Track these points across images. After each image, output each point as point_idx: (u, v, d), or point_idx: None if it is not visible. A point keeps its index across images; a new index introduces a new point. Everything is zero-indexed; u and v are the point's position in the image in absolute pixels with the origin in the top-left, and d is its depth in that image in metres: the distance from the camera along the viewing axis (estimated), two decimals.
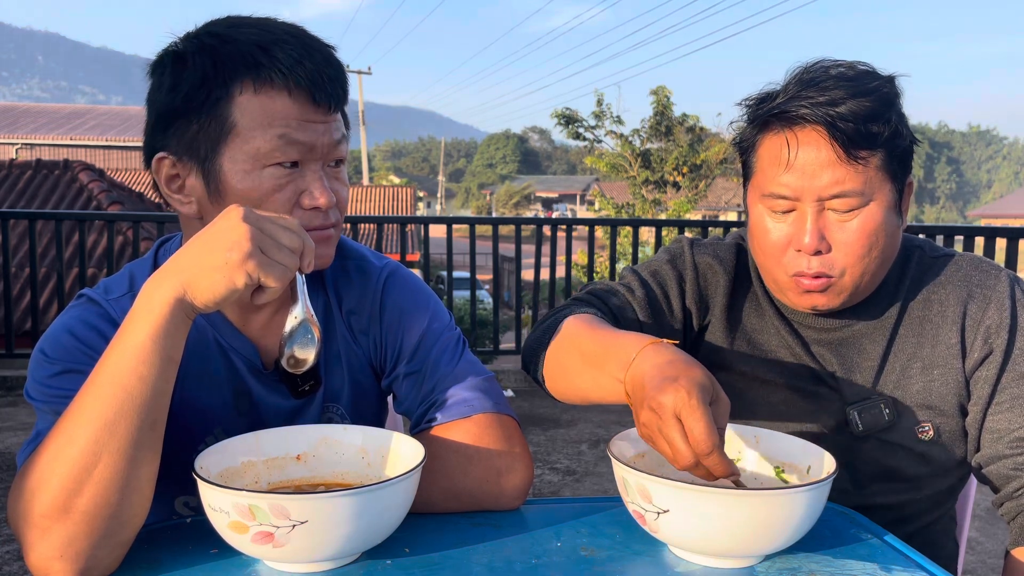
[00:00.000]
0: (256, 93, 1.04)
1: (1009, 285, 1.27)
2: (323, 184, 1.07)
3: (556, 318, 1.28)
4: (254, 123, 1.03)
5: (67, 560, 0.90)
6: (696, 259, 1.38)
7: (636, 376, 0.98)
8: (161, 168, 1.09)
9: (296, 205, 1.07)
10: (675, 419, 0.90)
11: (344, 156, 1.12)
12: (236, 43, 1.05)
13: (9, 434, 4.52)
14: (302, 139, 1.05)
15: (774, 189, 1.21)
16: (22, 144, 26.25)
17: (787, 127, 1.19)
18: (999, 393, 1.24)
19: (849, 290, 1.23)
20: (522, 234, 5.87)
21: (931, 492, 1.32)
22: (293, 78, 1.03)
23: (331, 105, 1.07)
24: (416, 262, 12.01)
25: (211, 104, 1.04)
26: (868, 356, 1.30)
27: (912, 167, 1.24)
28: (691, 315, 1.36)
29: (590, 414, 5.04)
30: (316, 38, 1.09)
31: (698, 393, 0.90)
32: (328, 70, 1.06)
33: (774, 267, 1.25)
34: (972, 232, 5.32)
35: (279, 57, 1.04)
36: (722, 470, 0.91)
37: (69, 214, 5.77)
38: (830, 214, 1.19)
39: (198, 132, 1.05)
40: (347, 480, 1.05)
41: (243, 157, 1.04)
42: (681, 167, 14.84)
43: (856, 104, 1.15)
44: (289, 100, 1.04)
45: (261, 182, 1.05)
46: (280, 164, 1.05)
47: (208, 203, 1.08)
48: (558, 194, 69.45)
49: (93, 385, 0.91)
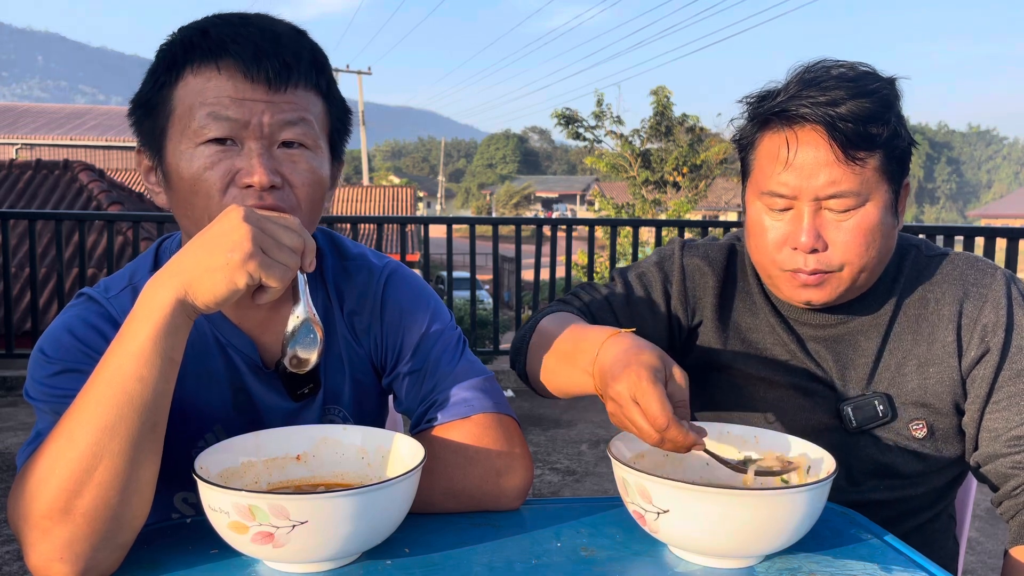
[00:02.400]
0: (194, 75, 1.03)
1: (1005, 284, 1.27)
2: (260, 162, 1.02)
3: (536, 319, 1.34)
4: (189, 104, 1.03)
5: (67, 561, 0.90)
6: (685, 261, 1.39)
7: (600, 369, 1.05)
8: (141, 161, 1.12)
9: (231, 183, 1.03)
10: (632, 402, 0.96)
11: (301, 139, 1.05)
12: (186, 31, 1.06)
13: (9, 434, 4.52)
14: (232, 115, 1.02)
15: (772, 187, 1.22)
16: (22, 144, 26.26)
17: (787, 126, 1.20)
18: (996, 392, 1.25)
19: (846, 285, 1.24)
20: (522, 234, 5.86)
21: (927, 489, 1.33)
22: (223, 55, 1.02)
23: (270, 82, 1.02)
24: (416, 262, 12.00)
25: (159, 92, 1.06)
26: (863, 353, 1.30)
27: (910, 168, 1.25)
28: (678, 317, 1.38)
29: (590, 414, 5.04)
30: (270, 18, 1.08)
31: (648, 374, 0.96)
32: (266, 44, 1.03)
33: (770, 264, 1.26)
34: (972, 232, 5.32)
35: (212, 35, 1.03)
36: (683, 440, 0.95)
37: (69, 214, 5.77)
38: (827, 213, 1.20)
39: (153, 122, 1.07)
40: (347, 480, 1.05)
41: (181, 139, 1.04)
42: (681, 167, 14.84)
43: (856, 105, 1.16)
44: (221, 78, 1.02)
45: (194, 161, 1.03)
46: (211, 141, 1.02)
47: (168, 191, 1.09)
48: (558, 194, 69.46)
49: (94, 387, 0.91)
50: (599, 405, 2.40)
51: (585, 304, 1.38)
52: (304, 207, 1.06)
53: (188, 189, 1.04)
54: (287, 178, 1.05)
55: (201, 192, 1.03)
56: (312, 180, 1.07)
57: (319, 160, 1.08)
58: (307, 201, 1.07)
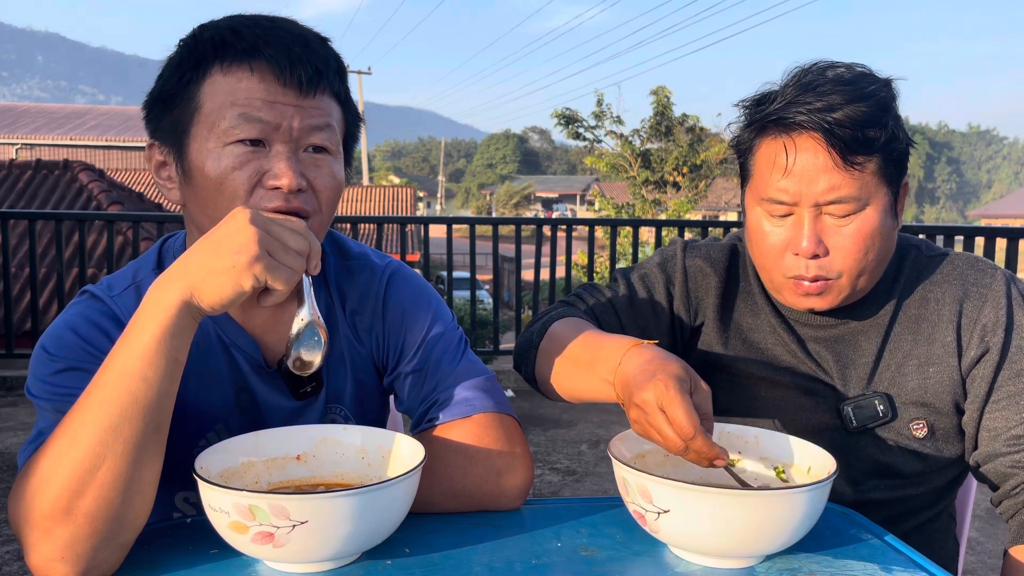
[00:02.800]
0: (224, 74, 1.04)
1: (1005, 284, 1.28)
2: (288, 165, 1.03)
3: (544, 321, 1.34)
4: (218, 103, 1.03)
5: (68, 561, 0.90)
6: (687, 262, 1.39)
7: (622, 378, 1.05)
8: (152, 155, 1.12)
9: (258, 185, 1.03)
10: (659, 411, 0.97)
11: (325, 144, 1.07)
12: (213, 28, 1.06)
13: (9, 434, 4.52)
14: (264, 118, 1.02)
15: (772, 194, 1.21)
16: (22, 144, 26.27)
17: (784, 132, 1.20)
18: (996, 391, 1.25)
19: (847, 291, 1.24)
20: (522, 234, 5.86)
21: (927, 488, 1.33)
22: (257, 56, 1.03)
23: (301, 86, 1.04)
24: (416, 262, 12.00)
25: (183, 87, 1.05)
26: (864, 353, 1.31)
27: (908, 168, 1.25)
28: (680, 318, 1.38)
29: (590, 414, 5.04)
30: (298, 24, 1.08)
31: (675, 384, 0.96)
32: (299, 50, 1.04)
33: (772, 269, 1.26)
34: (972, 232, 5.32)
35: (245, 36, 1.03)
36: (709, 452, 0.96)
37: (69, 214, 5.77)
38: (827, 218, 1.20)
39: (174, 116, 1.06)
40: (347, 480, 1.05)
41: (208, 136, 1.04)
42: (681, 167, 14.84)
43: (853, 110, 1.15)
44: (253, 79, 1.03)
45: (222, 160, 1.03)
46: (241, 142, 1.03)
47: (185, 188, 1.08)
48: (558, 194, 69.46)
49: (97, 387, 0.91)
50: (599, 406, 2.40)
51: (589, 308, 1.37)
52: (324, 210, 1.09)
53: (213, 188, 1.04)
54: (311, 182, 1.06)
55: (227, 192, 1.03)
56: (333, 184, 1.09)
57: (339, 165, 1.11)
58: (327, 204, 1.09)
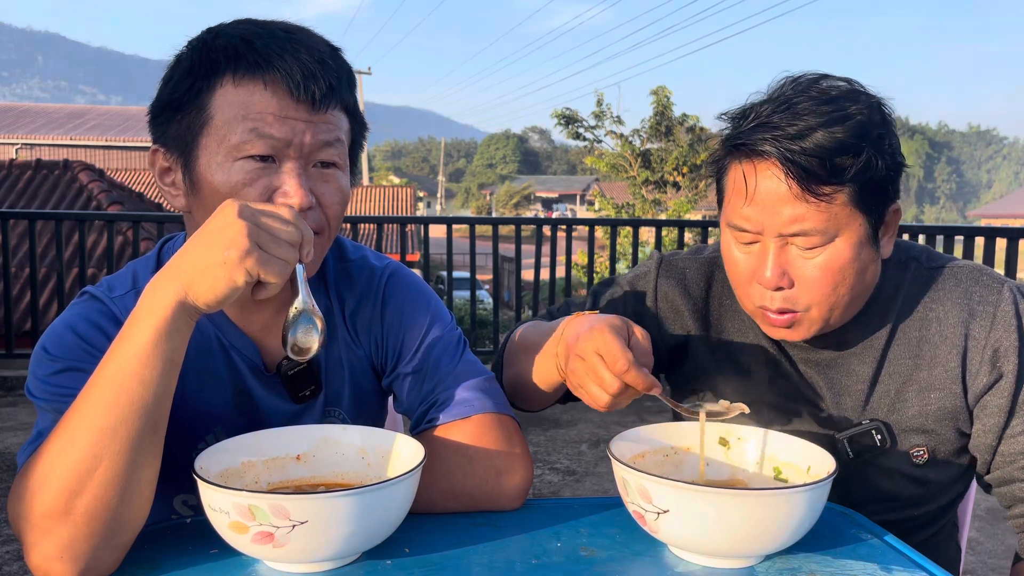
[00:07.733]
0: (236, 86, 1.02)
1: (1013, 302, 1.20)
2: (299, 183, 1.02)
3: (509, 334, 1.37)
4: (230, 115, 1.02)
5: (68, 561, 0.90)
6: (659, 282, 1.35)
7: (564, 343, 1.09)
8: (156, 160, 1.10)
9: (268, 203, 1.01)
10: (596, 355, 1.00)
11: (335, 160, 1.07)
12: (225, 36, 1.05)
13: (9, 434, 4.52)
14: (276, 134, 1.02)
15: (736, 221, 1.16)
16: (22, 144, 26.27)
17: (747, 159, 1.14)
18: (1014, 417, 1.19)
19: (818, 324, 1.17)
20: (522, 234, 5.87)
21: (931, 508, 1.30)
22: (270, 70, 1.02)
23: (314, 102, 1.03)
24: (416, 262, 12.00)
25: (193, 96, 1.04)
26: (857, 378, 1.25)
27: (898, 193, 1.17)
28: (651, 336, 1.35)
29: (590, 414, 5.04)
30: (313, 35, 1.07)
31: (609, 329, 1.01)
32: (313, 66, 1.02)
33: (742, 296, 1.22)
34: (972, 232, 5.31)
35: (258, 48, 1.02)
36: (643, 382, 0.98)
37: (69, 214, 5.78)
38: (793, 249, 1.14)
39: (182, 124, 1.05)
40: (347, 480, 1.05)
41: (218, 149, 1.03)
42: (681, 167, 14.83)
43: (824, 136, 1.08)
44: (266, 93, 1.02)
45: (232, 175, 1.02)
46: (251, 157, 1.02)
47: (191, 196, 1.08)
48: (558, 194, 69.45)
49: (94, 387, 0.91)
50: None
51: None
52: (331, 225, 1.09)
53: (221, 201, 1.01)
54: (319, 198, 1.07)
55: None
56: (341, 200, 1.10)
57: (346, 179, 1.11)
58: (334, 220, 1.10)
